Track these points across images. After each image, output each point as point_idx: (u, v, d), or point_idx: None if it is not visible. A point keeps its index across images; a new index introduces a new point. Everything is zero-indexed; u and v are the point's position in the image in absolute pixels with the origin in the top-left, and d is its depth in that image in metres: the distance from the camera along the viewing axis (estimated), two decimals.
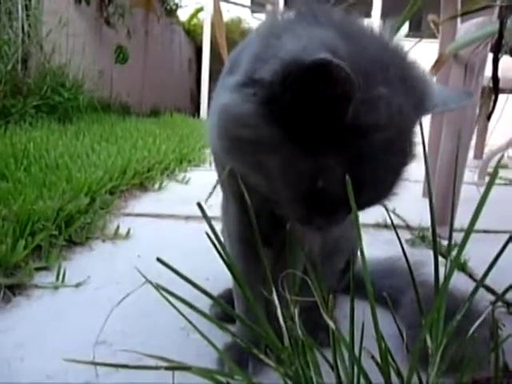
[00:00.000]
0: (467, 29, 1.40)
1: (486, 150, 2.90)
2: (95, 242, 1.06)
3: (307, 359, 0.39)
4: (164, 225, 1.28)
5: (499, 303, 0.82)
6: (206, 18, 6.58)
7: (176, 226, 1.27)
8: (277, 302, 0.41)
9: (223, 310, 0.67)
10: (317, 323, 0.53)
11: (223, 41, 0.89)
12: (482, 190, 0.43)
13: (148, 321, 0.70)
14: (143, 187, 1.69)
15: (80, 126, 2.87)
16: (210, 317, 0.43)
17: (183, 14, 7.68)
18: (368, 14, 5.91)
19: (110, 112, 4.40)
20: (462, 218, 0.47)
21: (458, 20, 1.60)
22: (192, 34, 8.54)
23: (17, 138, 1.83)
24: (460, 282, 0.62)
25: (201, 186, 1.86)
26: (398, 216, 1.46)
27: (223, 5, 4.96)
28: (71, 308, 0.74)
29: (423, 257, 0.73)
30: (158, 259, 0.40)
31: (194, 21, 8.58)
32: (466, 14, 1.26)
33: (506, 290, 0.46)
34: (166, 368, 0.35)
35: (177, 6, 6.75)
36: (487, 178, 2.43)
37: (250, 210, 0.46)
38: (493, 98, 0.62)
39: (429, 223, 1.52)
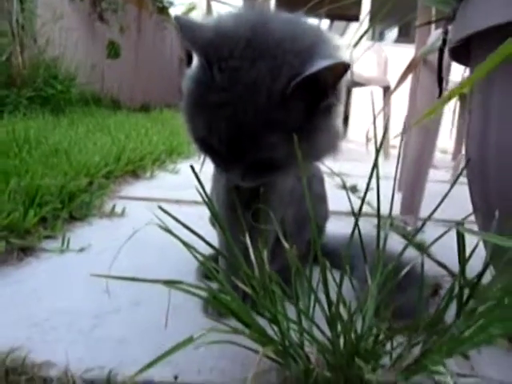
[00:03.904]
0: (438, 35, 1.54)
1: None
2: (93, 218, 1.17)
3: (272, 287, 0.51)
4: (157, 206, 1.39)
5: (448, 275, 0.96)
6: (198, 16, 6.65)
7: (168, 207, 1.38)
8: (250, 244, 0.53)
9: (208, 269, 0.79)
10: (286, 282, 0.64)
11: None
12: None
13: (142, 275, 0.82)
14: (135, 175, 1.79)
15: (73, 118, 2.95)
16: (202, 260, 0.54)
17: (175, 12, 7.75)
18: (357, 18, 6.05)
19: (100, 106, 4.48)
20: (430, 210, 0.56)
21: (433, 26, 1.74)
22: None
23: (15, 126, 1.92)
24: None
25: (190, 175, 1.98)
26: (371, 206, 1.59)
27: (216, 5, 5.04)
28: (76, 266, 0.85)
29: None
30: (160, 207, 0.52)
31: None
32: (433, 23, 1.39)
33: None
34: (164, 282, 0.47)
35: (169, 3, 6.83)
36: (460, 178, 2.57)
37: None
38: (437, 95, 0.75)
39: (397, 212, 1.66)
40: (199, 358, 0.56)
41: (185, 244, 0.52)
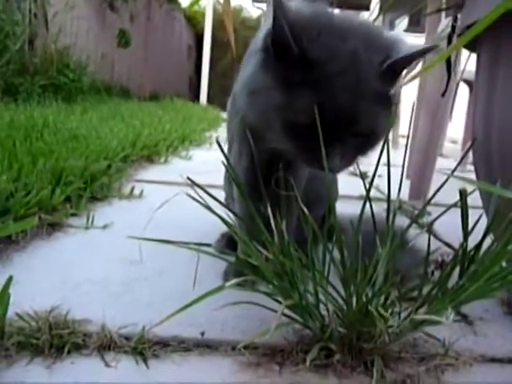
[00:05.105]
0: (447, 23, 1.57)
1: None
2: (113, 199, 1.22)
3: (289, 249, 0.55)
4: (172, 189, 1.44)
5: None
6: (207, 5, 6.67)
7: (183, 191, 1.44)
8: (271, 213, 0.57)
9: (226, 243, 0.85)
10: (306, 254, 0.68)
11: (231, 28, 1.03)
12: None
13: (165, 248, 0.87)
14: (150, 160, 1.85)
15: (85, 106, 3.01)
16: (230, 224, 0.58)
17: (184, 1, 7.76)
18: (367, 7, 6.02)
19: (111, 94, 4.53)
20: (440, 195, 0.60)
21: (443, 16, 1.77)
22: (192, 21, 8.62)
23: (33, 113, 1.97)
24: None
25: (202, 162, 2.03)
26: (381, 192, 1.63)
27: None
28: (102, 241, 0.90)
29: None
30: (189, 178, 0.56)
31: (195, 8, 8.64)
32: (443, 10, 1.41)
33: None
34: (195, 244, 0.52)
35: None
36: (468, 166, 2.61)
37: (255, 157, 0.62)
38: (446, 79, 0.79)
39: (406, 197, 1.70)
40: (222, 319, 0.61)
41: (216, 214, 0.57)
